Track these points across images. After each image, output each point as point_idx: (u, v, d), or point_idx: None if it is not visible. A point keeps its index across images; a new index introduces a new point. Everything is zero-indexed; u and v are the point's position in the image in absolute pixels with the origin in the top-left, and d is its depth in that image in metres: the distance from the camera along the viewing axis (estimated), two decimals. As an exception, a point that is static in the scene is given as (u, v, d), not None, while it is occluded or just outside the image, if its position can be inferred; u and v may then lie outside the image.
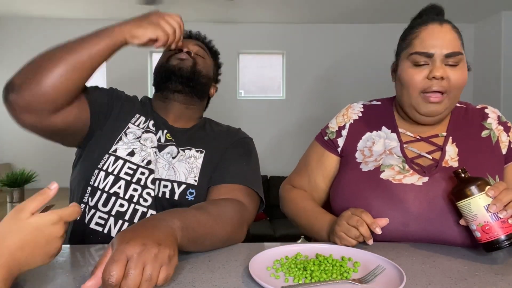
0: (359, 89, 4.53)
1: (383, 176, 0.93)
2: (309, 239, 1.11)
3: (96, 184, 0.97)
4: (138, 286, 0.54)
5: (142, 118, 1.07)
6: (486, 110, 1.01)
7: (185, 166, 1.01)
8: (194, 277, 0.68)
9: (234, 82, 4.65)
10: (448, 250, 0.83)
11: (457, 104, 1.03)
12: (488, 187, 0.76)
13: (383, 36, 4.54)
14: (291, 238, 3.12)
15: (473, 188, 0.76)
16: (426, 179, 0.90)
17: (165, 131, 1.06)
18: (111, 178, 0.97)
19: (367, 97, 1.13)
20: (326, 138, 1.08)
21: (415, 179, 0.91)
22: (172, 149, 1.02)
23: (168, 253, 0.58)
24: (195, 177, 1.00)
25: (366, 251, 0.77)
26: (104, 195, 0.95)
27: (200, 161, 1.02)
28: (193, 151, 1.04)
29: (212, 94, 1.19)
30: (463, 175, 0.79)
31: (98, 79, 4.80)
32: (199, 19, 4.36)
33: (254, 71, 4.91)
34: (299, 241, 0.94)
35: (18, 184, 3.71)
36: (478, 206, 0.75)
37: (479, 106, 1.03)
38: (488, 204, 0.74)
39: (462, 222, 0.80)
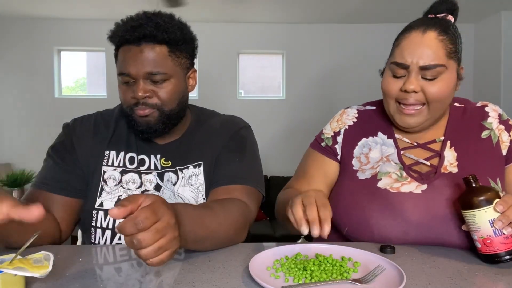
0: (359, 89, 4.53)
1: (380, 184, 0.91)
2: (309, 239, 1.10)
3: (96, 242, 0.97)
4: (144, 247, 0.55)
5: (113, 153, 1.00)
6: (486, 109, 0.97)
7: (190, 190, 0.98)
8: (194, 277, 0.68)
9: (234, 82, 4.64)
10: (448, 250, 0.83)
11: (456, 104, 1.00)
12: (496, 200, 0.72)
13: (383, 36, 4.54)
14: (291, 238, 3.11)
15: (481, 200, 0.73)
16: (425, 186, 0.88)
17: (158, 155, 1.00)
18: (108, 233, 0.95)
19: (367, 97, 1.12)
20: (323, 144, 1.05)
21: (413, 187, 0.88)
22: (170, 175, 0.98)
23: (177, 245, 0.61)
24: (203, 196, 0.98)
25: (366, 251, 0.77)
26: (98, 245, 0.94)
27: (201, 177, 0.99)
28: (191, 169, 0.99)
29: (193, 84, 1.03)
30: (473, 185, 0.76)
31: (99, 89, 4.81)
32: (199, 19, 4.36)
33: (254, 71, 4.91)
34: (299, 241, 0.95)
35: (18, 184, 3.72)
36: (483, 219, 0.73)
37: (479, 104, 0.99)
38: (494, 219, 0.72)
39: (464, 228, 0.79)
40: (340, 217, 0.92)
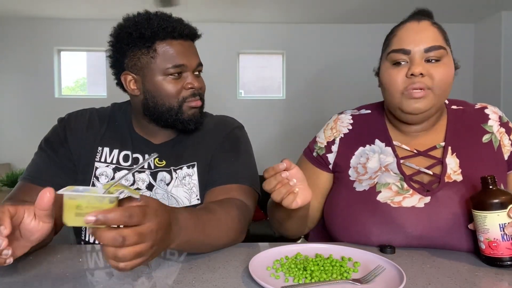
0: (359, 89, 4.53)
1: (380, 198, 0.86)
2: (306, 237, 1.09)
3: (87, 239, 0.97)
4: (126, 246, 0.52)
5: (106, 150, 1.00)
6: (486, 111, 0.94)
7: (183, 190, 0.98)
8: (194, 277, 0.68)
9: (234, 82, 4.65)
10: (448, 251, 0.83)
11: (453, 106, 0.97)
12: (511, 206, 0.71)
13: (383, 36, 4.54)
14: (291, 238, 3.12)
15: (495, 203, 0.71)
16: (428, 199, 0.84)
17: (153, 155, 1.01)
18: None
19: (368, 97, 1.11)
20: (315, 154, 1.01)
21: (415, 200, 0.85)
22: (164, 175, 0.98)
23: (152, 255, 0.57)
24: (197, 196, 0.98)
25: (366, 251, 0.76)
26: (98, 245, 0.92)
27: (195, 177, 0.99)
28: (185, 169, 0.99)
29: None
30: (490, 186, 0.74)
31: (99, 89, 4.81)
32: (199, 19, 4.36)
33: (254, 71, 4.91)
34: (299, 241, 0.94)
35: (18, 184, 3.72)
36: (494, 222, 0.72)
37: (478, 106, 0.96)
38: (505, 223, 0.71)
39: (471, 226, 0.78)
40: (338, 230, 0.90)
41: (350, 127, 1.00)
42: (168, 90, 0.93)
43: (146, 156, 1.00)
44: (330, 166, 0.99)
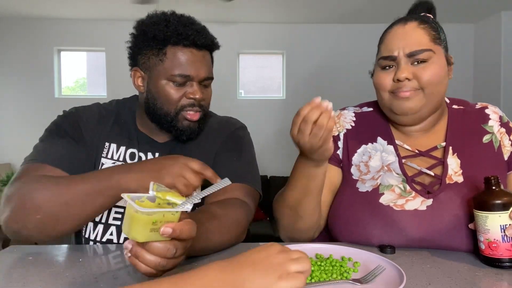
0: (359, 89, 4.53)
1: (383, 200, 0.86)
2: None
3: (87, 236, 0.95)
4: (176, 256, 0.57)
5: (113, 146, 0.99)
6: (486, 111, 0.94)
7: None
8: (194, 277, 0.68)
9: (234, 82, 4.65)
10: (448, 251, 0.83)
11: (454, 106, 0.97)
12: None
13: (383, 36, 4.54)
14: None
15: (498, 204, 0.71)
16: (430, 202, 0.84)
17: (157, 154, 1.00)
18: (100, 227, 0.94)
19: (368, 98, 1.10)
20: None
21: (418, 203, 0.85)
22: None
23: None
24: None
25: (366, 251, 0.76)
26: (98, 245, 0.92)
27: None
28: None
29: None
30: (493, 187, 0.73)
31: (99, 89, 4.81)
32: (199, 19, 4.36)
33: (254, 71, 4.92)
34: (299, 241, 0.94)
35: (18, 184, 3.72)
36: (495, 223, 0.71)
37: (478, 106, 0.96)
38: (506, 225, 0.71)
39: (471, 226, 0.78)
40: (339, 230, 0.90)
41: (353, 124, 0.99)
42: (168, 95, 0.92)
43: (149, 154, 1.00)
44: (341, 164, 0.97)
